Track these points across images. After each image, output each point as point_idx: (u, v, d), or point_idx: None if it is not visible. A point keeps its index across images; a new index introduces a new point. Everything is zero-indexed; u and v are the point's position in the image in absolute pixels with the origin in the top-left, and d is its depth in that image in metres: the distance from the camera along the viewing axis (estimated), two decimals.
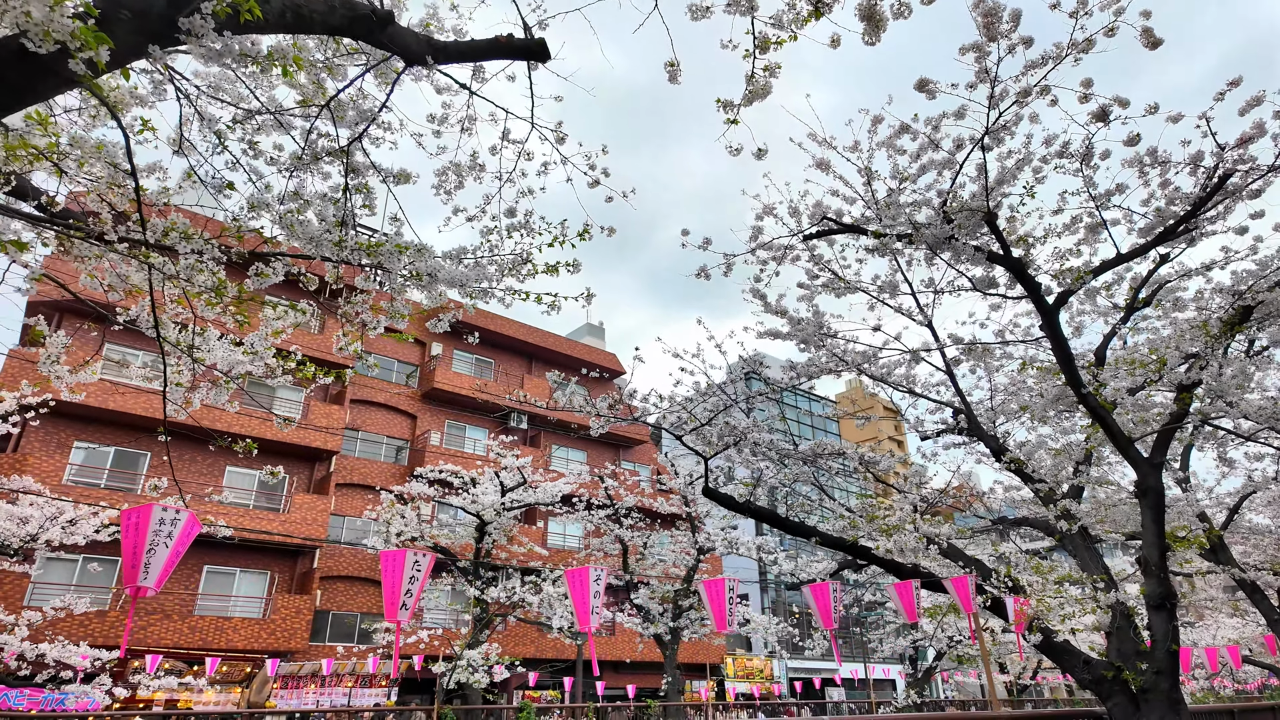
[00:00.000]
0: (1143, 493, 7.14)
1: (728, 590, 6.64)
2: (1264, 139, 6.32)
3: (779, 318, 8.44)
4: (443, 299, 4.20)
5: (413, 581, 4.61)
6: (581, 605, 5.44)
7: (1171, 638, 6.85)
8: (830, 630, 7.12)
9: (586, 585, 5.46)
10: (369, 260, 3.76)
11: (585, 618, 5.39)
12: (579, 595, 5.49)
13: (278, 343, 4.99)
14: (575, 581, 5.57)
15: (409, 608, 4.64)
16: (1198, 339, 7.17)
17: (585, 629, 5.32)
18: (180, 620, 19.74)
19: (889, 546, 6.45)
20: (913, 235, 6.74)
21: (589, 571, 5.56)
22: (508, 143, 4.71)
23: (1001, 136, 6.37)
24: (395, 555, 4.67)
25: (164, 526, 4.33)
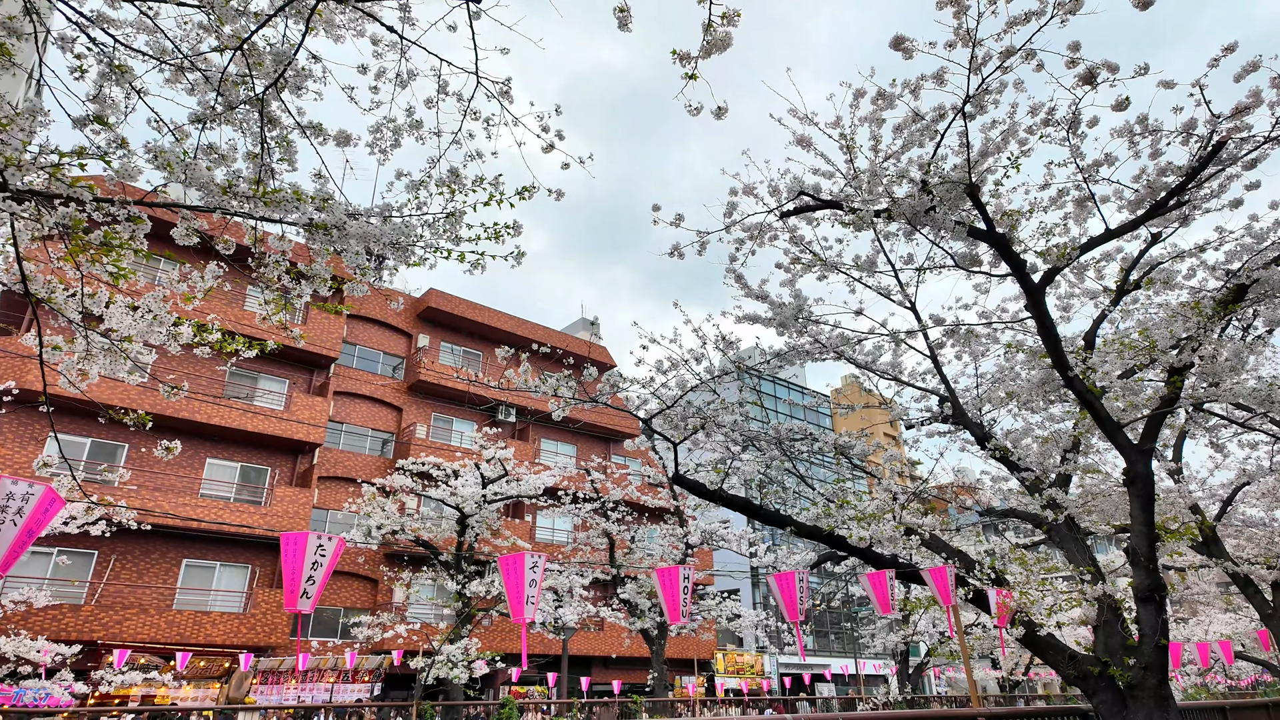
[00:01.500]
0: (1131, 480, 6.83)
1: (681, 580, 6.32)
2: (1261, 108, 6.02)
3: (760, 302, 8.12)
4: (362, 260, 3.86)
5: (315, 568, 4.26)
6: (515, 595, 5.11)
7: (1160, 632, 6.54)
8: (795, 622, 6.80)
9: (521, 574, 5.13)
10: (266, 210, 3.41)
11: (519, 608, 5.06)
12: (513, 584, 5.15)
13: (190, 310, 4.64)
14: (509, 569, 5.23)
15: (311, 596, 4.29)
16: (1190, 320, 6.85)
17: (519, 620, 4.99)
18: (158, 614, 19.38)
19: (863, 535, 6.14)
20: (891, 210, 6.42)
21: (524, 559, 5.23)
22: (446, 95, 4.36)
23: (985, 104, 6.03)
24: (295, 538, 4.32)
25: (11, 503, 3.82)
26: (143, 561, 20.53)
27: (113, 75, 4.10)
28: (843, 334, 8.11)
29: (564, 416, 6.57)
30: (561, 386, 5.66)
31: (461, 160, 4.95)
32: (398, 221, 3.73)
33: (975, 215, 6.53)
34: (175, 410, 21.13)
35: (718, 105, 4.90)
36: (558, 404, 5.89)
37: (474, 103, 5.04)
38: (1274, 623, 10.96)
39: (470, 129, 4.74)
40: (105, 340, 4.45)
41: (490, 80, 4.69)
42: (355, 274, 4.45)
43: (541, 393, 5.66)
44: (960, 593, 7.02)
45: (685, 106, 4.93)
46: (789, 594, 6.72)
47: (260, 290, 5.05)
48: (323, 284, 4.08)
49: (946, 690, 40.33)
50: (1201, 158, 5.96)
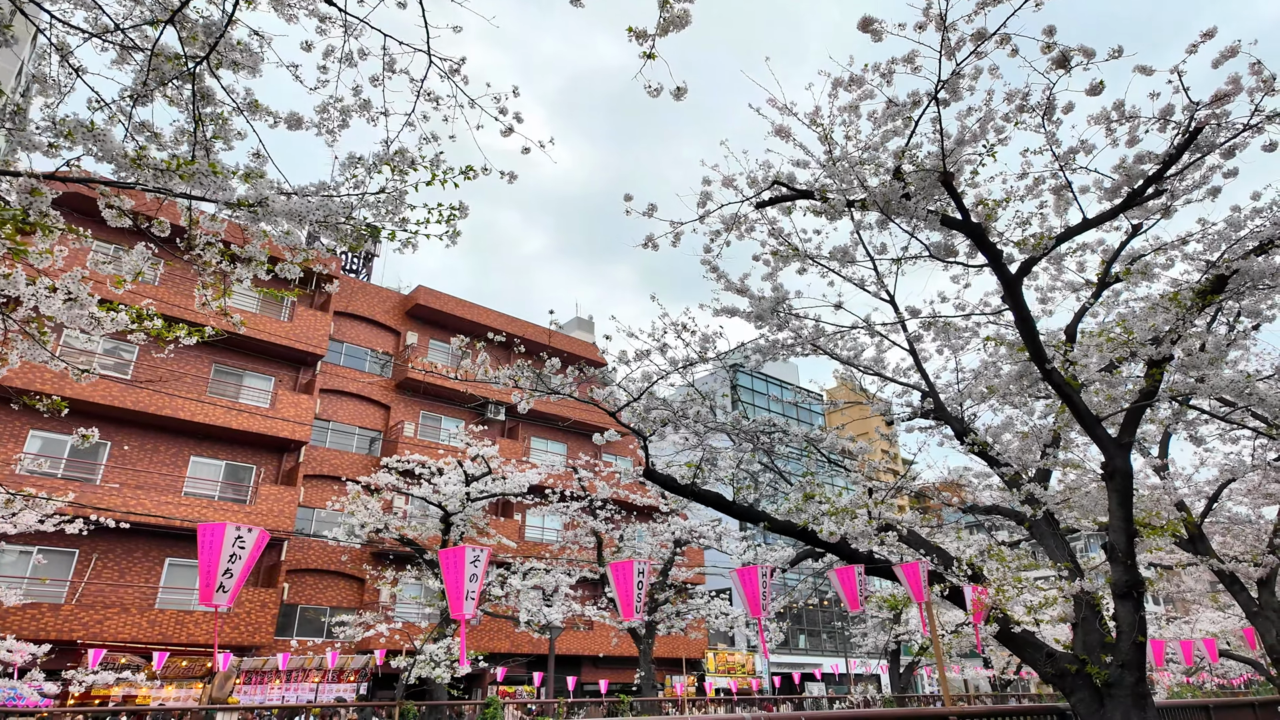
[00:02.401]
0: (1110, 475, 6.71)
1: (636, 575, 6.17)
2: (1240, 96, 5.91)
3: (740, 296, 7.98)
4: (295, 239, 3.71)
5: (234, 560, 4.10)
6: (455, 590, 4.95)
7: (1138, 628, 6.42)
8: (759, 618, 6.66)
9: (461, 568, 4.97)
10: (183, 185, 3.26)
11: (458, 604, 4.90)
12: (452, 579, 5.00)
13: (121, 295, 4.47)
14: (449, 564, 5.08)
15: (229, 590, 4.13)
16: (1170, 312, 6.74)
17: (457, 616, 4.84)
18: (139, 614, 19.18)
19: (833, 530, 6.01)
20: (865, 201, 6.30)
21: (464, 552, 5.07)
22: (393, 73, 4.21)
23: (959, 90, 5.91)
24: (212, 529, 4.16)
25: None
26: (125, 560, 20.32)
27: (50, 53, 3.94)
28: (820, 327, 7.98)
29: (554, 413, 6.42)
30: (520, 377, 5.52)
31: (416, 144, 4.80)
32: (332, 200, 3.58)
33: (950, 204, 6.41)
34: (158, 408, 20.94)
35: (676, 86, 4.76)
36: (520, 395, 5.75)
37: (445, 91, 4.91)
38: (1259, 620, 10.86)
39: (424, 110, 4.59)
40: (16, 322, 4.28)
41: (441, 59, 4.54)
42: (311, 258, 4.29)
43: (501, 384, 5.52)
44: (936, 589, 6.89)
45: (644, 87, 4.79)
46: (751, 589, 6.58)
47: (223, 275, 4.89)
48: (260, 267, 3.92)
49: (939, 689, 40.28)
50: (1179, 144, 5.84)
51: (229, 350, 23.51)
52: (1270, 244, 6.23)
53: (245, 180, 3.38)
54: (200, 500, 21.27)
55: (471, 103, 4.86)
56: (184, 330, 4.44)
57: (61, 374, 20.44)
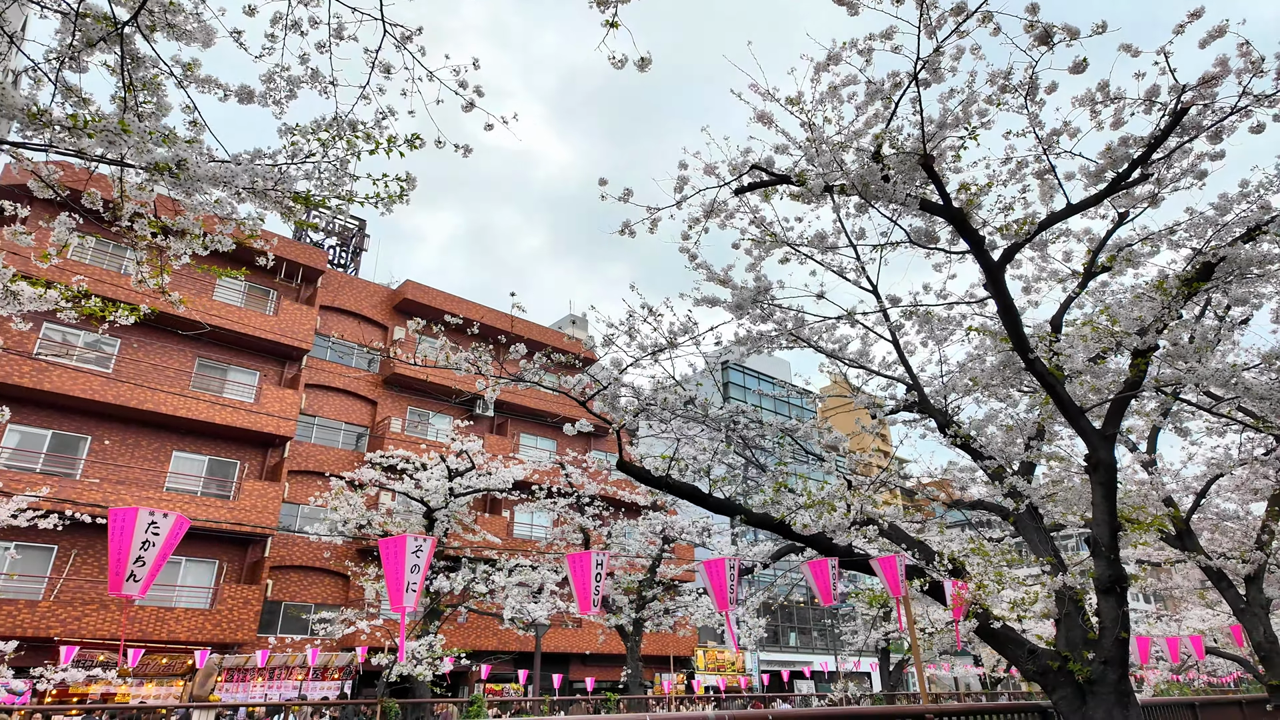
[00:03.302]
0: (1093, 467, 6.56)
1: (594, 567, 5.99)
2: (1228, 79, 5.76)
3: (723, 287, 7.81)
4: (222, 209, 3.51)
5: (147, 548, 3.89)
6: (395, 581, 4.76)
7: (1121, 624, 6.27)
8: (725, 612, 6.49)
9: (402, 558, 4.78)
10: (92, 144, 3.05)
11: (398, 595, 4.71)
12: (392, 569, 4.79)
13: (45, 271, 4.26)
14: (389, 553, 4.88)
15: (141, 580, 3.93)
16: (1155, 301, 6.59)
17: (397, 609, 4.64)
18: (119, 610, 18.91)
19: (807, 521, 5.84)
20: (845, 186, 6.12)
21: (405, 541, 4.88)
22: (341, 40, 4.01)
23: (940, 70, 5.74)
24: (123, 514, 3.96)
25: None
26: (104, 556, 20.02)
27: None
28: (800, 318, 7.81)
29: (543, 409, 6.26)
30: (480, 362, 5.33)
31: (373, 117, 4.60)
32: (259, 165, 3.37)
33: (931, 189, 6.24)
34: (140, 402, 20.67)
35: (640, 57, 4.57)
36: (485, 383, 5.56)
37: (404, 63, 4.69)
38: (1246, 617, 10.75)
39: (379, 83, 4.38)
40: None
41: (396, 26, 4.34)
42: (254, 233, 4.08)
43: (463, 370, 5.33)
44: (916, 584, 6.72)
45: (609, 59, 4.60)
46: (718, 582, 6.40)
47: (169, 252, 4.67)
48: (195, 241, 3.72)
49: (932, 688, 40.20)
50: (1164, 126, 5.68)
51: (213, 344, 23.25)
52: (1257, 230, 6.08)
53: (165, 143, 3.18)
54: (182, 496, 21.01)
55: (430, 75, 4.67)
56: (125, 310, 4.23)
57: (41, 368, 20.10)
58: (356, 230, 31.92)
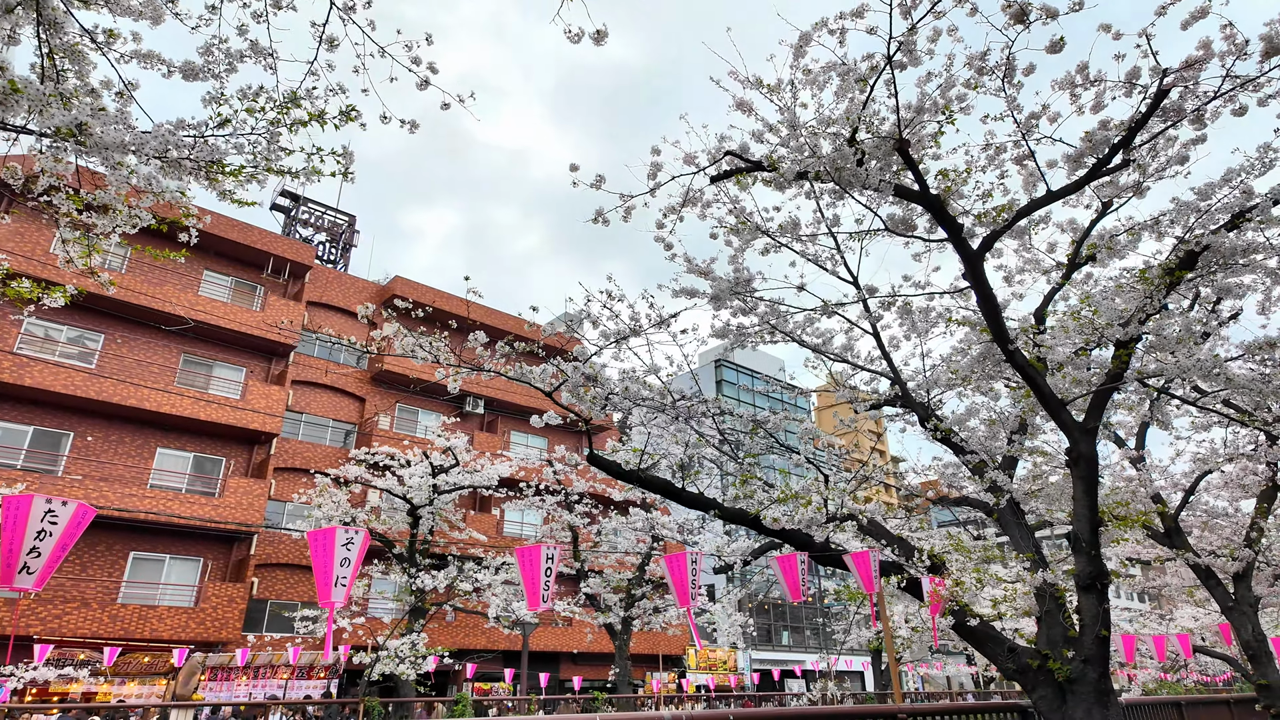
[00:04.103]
0: (1074, 461, 6.40)
1: (544, 561, 5.82)
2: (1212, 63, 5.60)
3: (702, 278, 7.65)
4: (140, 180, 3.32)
5: (42, 538, 3.70)
6: (323, 575, 4.59)
7: (1101, 622, 6.12)
8: (687, 608, 6.33)
9: (331, 551, 4.61)
10: None
11: (326, 589, 4.53)
12: (321, 562, 4.62)
13: None
14: (318, 545, 4.70)
15: (36, 572, 3.74)
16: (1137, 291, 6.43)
17: (325, 604, 4.48)
18: (100, 609, 18.70)
19: (777, 515, 5.67)
20: (820, 172, 5.96)
21: (335, 533, 4.70)
22: (277, 8, 3.83)
23: (916, 52, 5.58)
24: (18, 501, 3.76)
25: None
26: (87, 554, 19.82)
27: None
28: (775, 309, 7.64)
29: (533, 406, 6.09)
30: (438, 350, 5.15)
31: (323, 94, 4.43)
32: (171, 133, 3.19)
33: (908, 175, 6.08)
34: (123, 398, 20.44)
35: (596, 30, 4.40)
36: (446, 371, 5.39)
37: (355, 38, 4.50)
38: (1235, 615, 10.61)
39: (328, 59, 4.20)
40: None
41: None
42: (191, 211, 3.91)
43: (419, 359, 5.15)
44: (894, 580, 6.57)
45: (564, 32, 4.43)
46: (679, 577, 6.23)
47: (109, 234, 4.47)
48: (121, 218, 3.54)
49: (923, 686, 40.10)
50: (1145, 109, 5.52)
51: (198, 340, 23.03)
52: (1241, 217, 5.93)
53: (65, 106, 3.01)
54: (166, 493, 20.79)
55: (382, 51, 4.50)
56: (58, 292, 4.04)
57: (22, 363, 19.84)
58: (346, 226, 31.70)
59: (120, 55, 4.18)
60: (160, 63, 4.30)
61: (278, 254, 24.90)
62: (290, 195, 30.89)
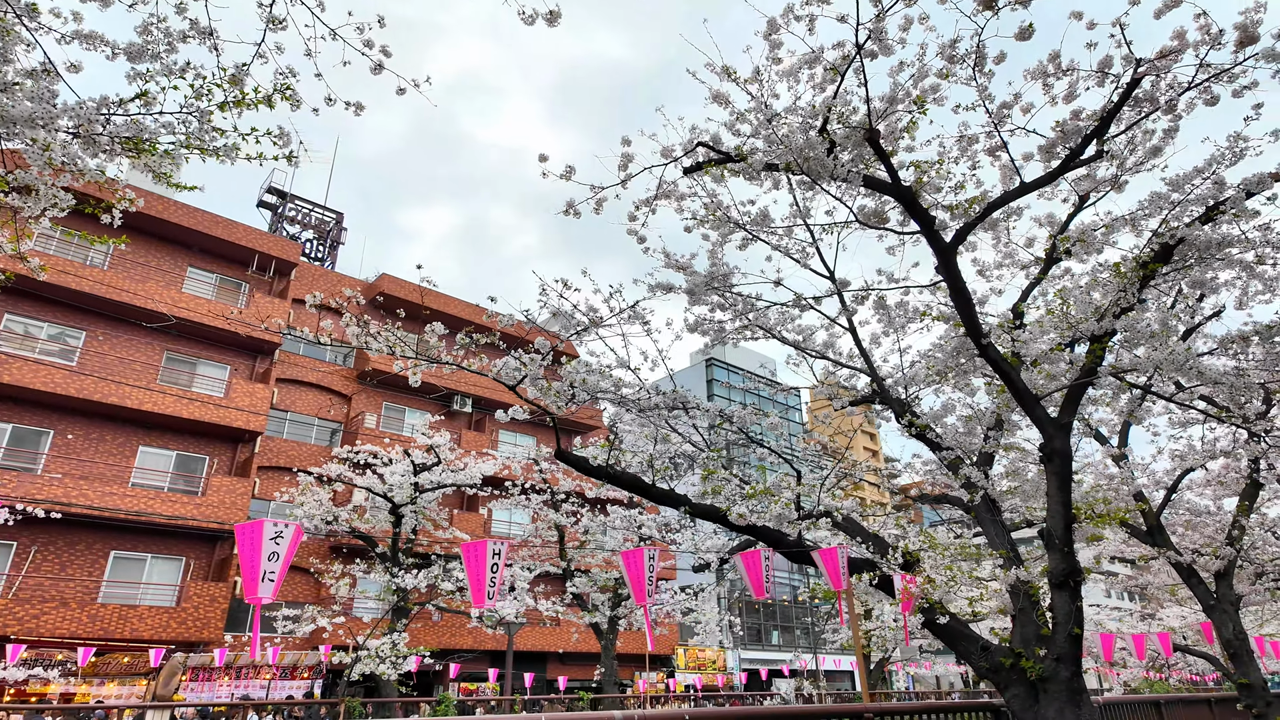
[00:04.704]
0: (1048, 457, 6.32)
1: (490, 556, 5.70)
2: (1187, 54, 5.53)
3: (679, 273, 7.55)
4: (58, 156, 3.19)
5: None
6: (250, 569, 4.47)
7: (1074, 620, 6.04)
8: (643, 605, 6.22)
9: (259, 545, 4.49)
10: None
11: (253, 585, 4.41)
12: (247, 556, 4.50)
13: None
14: (245, 539, 4.59)
15: None
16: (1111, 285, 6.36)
17: (252, 599, 4.36)
18: (80, 609, 18.48)
19: (742, 511, 5.57)
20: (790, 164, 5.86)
21: (264, 526, 4.58)
22: None
23: (887, 40, 5.48)
24: None
25: None
26: (66, 553, 19.61)
27: None
28: (751, 302, 7.55)
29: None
30: (396, 343, 5.04)
31: (271, 79, 4.30)
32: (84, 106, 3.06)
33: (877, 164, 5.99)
34: (104, 395, 20.23)
35: (549, 10, 4.29)
36: (406, 365, 5.27)
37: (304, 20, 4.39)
38: (1216, 614, 10.57)
39: (277, 41, 4.07)
40: None
41: None
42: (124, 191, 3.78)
43: (374, 350, 5.04)
44: (866, 578, 6.47)
45: (518, 14, 4.32)
46: (636, 574, 6.12)
47: None
48: (50, 199, 3.41)
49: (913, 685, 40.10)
50: (1117, 97, 5.44)
51: (182, 337, 22.82)
52: (1215, 210, 5.85)
53: None
54: (148, 491, 20.59)
55: (333, 34, 4.38)
56: None
57: (1, 360, 19.57)
58: (334, 223, 31.51)
59: (61, 36, 4.05)
60: (104, 44, 4.17)
61: (263, 251, 24.71)
62: (277, 192, 30.68)
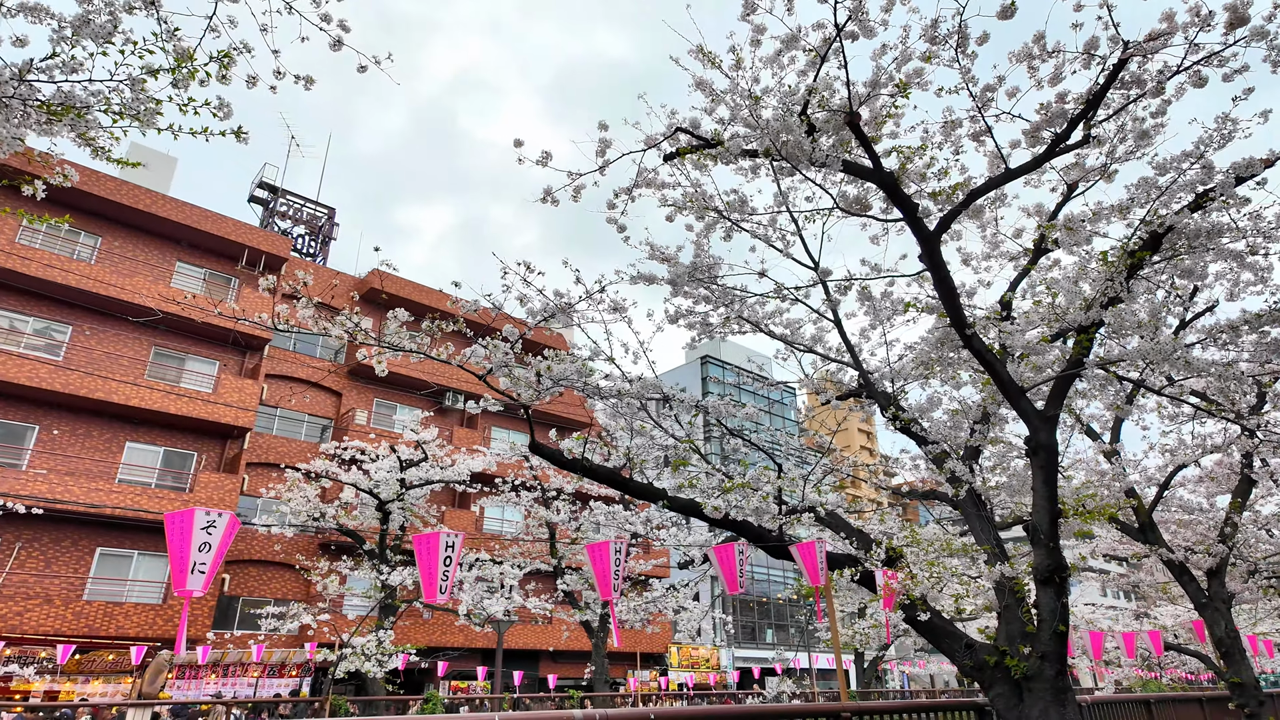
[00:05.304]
0: (1033, 450, 6.18)
1: (443, 550, 5.55)
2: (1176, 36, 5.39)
3: (662, 264, 7.41)
4: None
5: None
6: (179, 561, 4.30)
7: (1060, 617, 5.90)
8: (609, 600, 6.08)
9: (189, 536, 4.33)
10: None
11: (182, 577, 4.25)
12: (177, 546, 4.34)
13: None
14: (174, 529, 4.42)
15: None
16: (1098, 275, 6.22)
17: (182, 592, 4.20)
18: (64, 606, 18.30)
19: (717, 504, 5.42)
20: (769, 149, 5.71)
21: (194, 515, 4.42)
22: None
23: (868, 21, 5.34)
24: None
25: None
26: (52, 550, 19.42)
27: None
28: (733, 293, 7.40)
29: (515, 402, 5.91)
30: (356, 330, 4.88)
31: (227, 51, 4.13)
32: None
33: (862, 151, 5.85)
34: (90, 390, 20.03)
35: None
36: (369, 353, 5.12)
37: None
38: (1208, 611, 10.44)
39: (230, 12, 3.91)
40: None
41: None
42: None
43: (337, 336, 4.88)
44: (848, 573, 6.33)
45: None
46: (601, 567, 5.98)
47: None
48: None
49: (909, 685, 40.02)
50: (1104, 80, 5.29)
51: (170, 332, 22.62)
52: (1204, 197, 5.71)
53: None
54: (135, 488, 20.40)
55: (289, 7, 4.22)
56: None
57: None
58: (325, 219, 31.31)
59: (8, 10, 3.89)
60: (49, 16, 4.01)
61: (252, 246, 24.51)
62: (269, 187, 30.48)
